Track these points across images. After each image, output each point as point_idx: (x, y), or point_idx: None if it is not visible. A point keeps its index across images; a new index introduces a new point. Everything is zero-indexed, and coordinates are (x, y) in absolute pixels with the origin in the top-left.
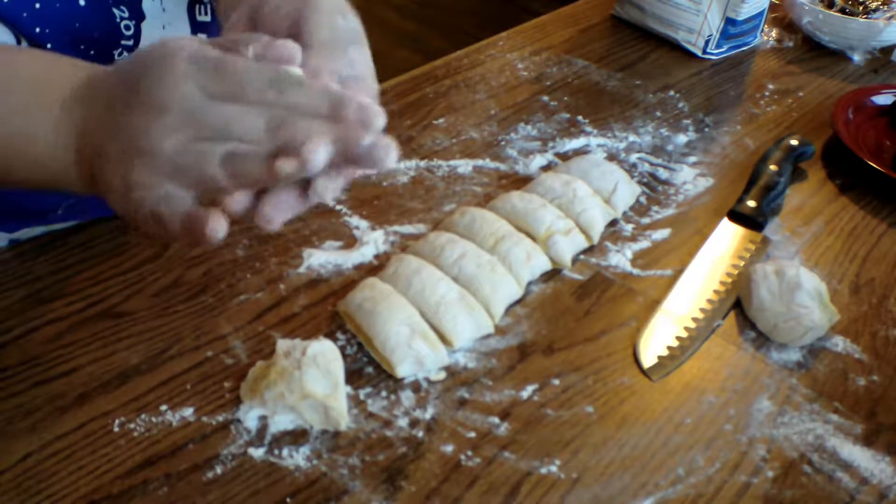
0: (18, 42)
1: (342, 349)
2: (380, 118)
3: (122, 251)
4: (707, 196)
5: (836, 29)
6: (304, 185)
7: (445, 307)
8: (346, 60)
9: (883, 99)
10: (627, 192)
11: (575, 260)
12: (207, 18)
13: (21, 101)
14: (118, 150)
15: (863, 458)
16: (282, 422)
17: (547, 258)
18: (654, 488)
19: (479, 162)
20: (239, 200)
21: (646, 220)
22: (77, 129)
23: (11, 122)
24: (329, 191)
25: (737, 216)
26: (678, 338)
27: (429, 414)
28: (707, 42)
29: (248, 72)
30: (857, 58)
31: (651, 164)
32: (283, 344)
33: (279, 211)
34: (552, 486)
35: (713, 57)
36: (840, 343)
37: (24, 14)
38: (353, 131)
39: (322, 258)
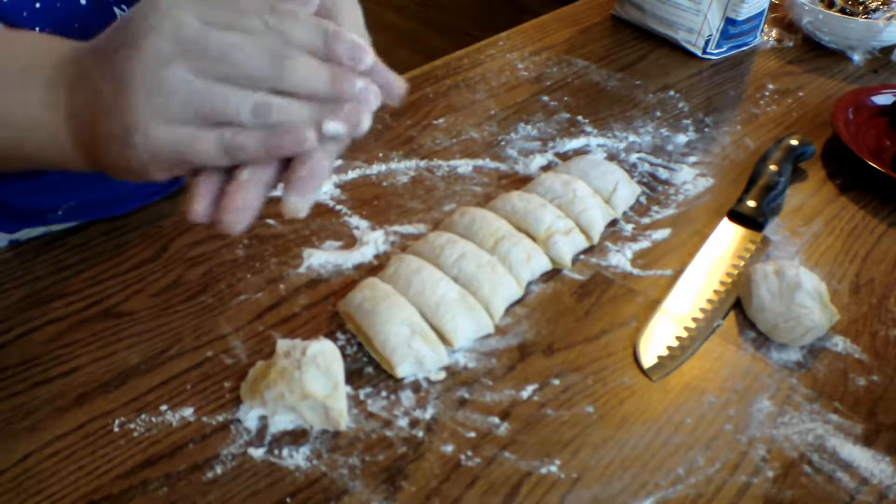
0: None
1: (342, 349)
2: (369, 56)
3: (122, 251)
4: (707, 196)
5: (836, 29)
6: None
7: (445, 307)
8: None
9: (883, 99)
10: (627, 192)
11: (575, 260)
12: None
13: (6, 79)
14: (110, 92)
15: (863, 458)
16: (282, 422)
17: (547, 258)
18: (654, 488)
19: (479, 162)
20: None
21: (646, 220)
22: (65, 97)
23: None
24: (300, 209)
25: (737, 216)
26: (678, 338)
27: (429, 414)
28: (707, 42)
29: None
30: (857, 58)
31: (651, 164)
32: (283, 344)
33: (239, 213)
34: (552, 486)
35: (713, 57)
36: (840, 343)
37: (24, 13)
38: (346, 75)
39: (322, 258)
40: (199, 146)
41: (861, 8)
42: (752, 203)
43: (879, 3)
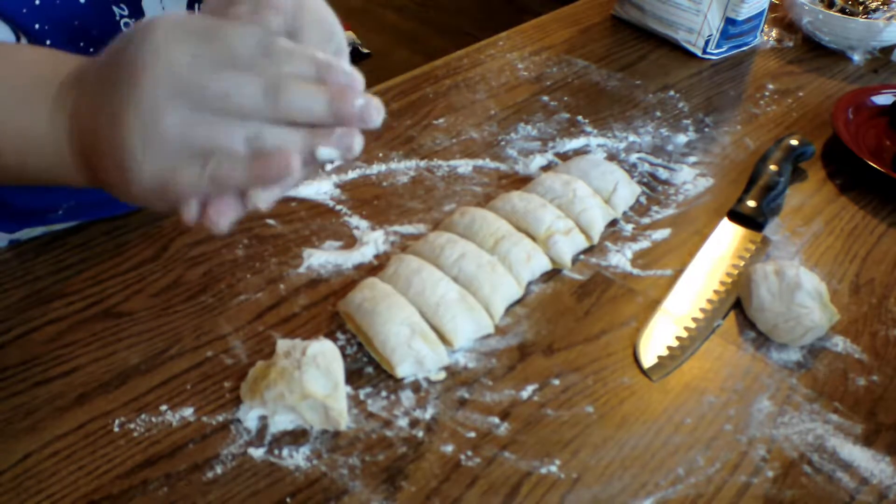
0: (17, 39)
1: (342, 349)
2: (361, 82)
3: (122, 251)
4: (707, 196)
5: (836, 29)
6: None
7: (445, 307)
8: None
9: (883, 99)
10: (627, 192)
11: (575, 260)
12: None
13: (13, 96)
14: (108, 126)
15: (863, 458)
16: (282, 422)
17: (547, 258)
18: (654, 488)
19: (479, 162)
20: (191, 208)
21: (646, 220)
22: (69, 118)
23: (4, 118)
24: (263, 201)
25: (737, 216)
26: (678, 338)
27: (429, 414)
28: (707, 42)
29: (236, 36)
30: (857, 58)
31: (651, 164)
32: (283, 344)
33: (223, 215)
34: (552, 486)
35: (713, 57)
36: (840, 343)
37: (24, 10)
38: (345, 94)
39: (322, 258)
40: (185, 177)
41: (861, 8)
42: (752, 203)
43: (879, 3)
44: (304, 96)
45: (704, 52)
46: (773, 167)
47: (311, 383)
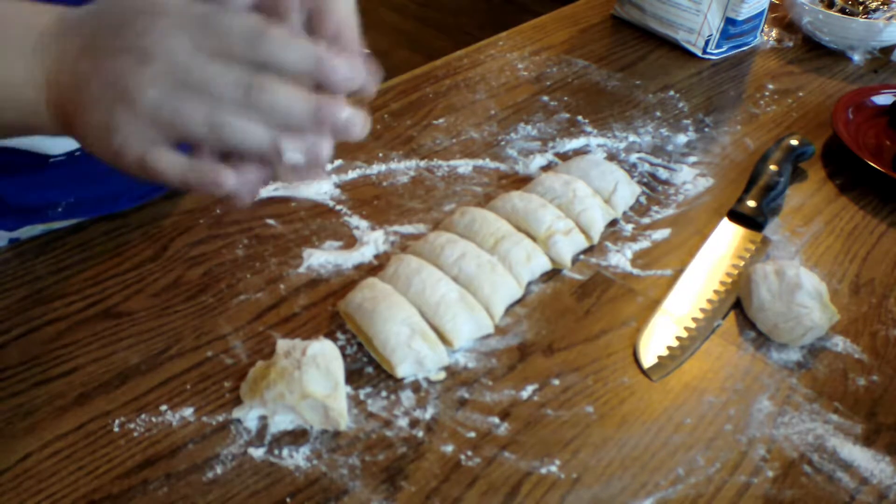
0: None
1: (342, 349)
2: (362, 75)
3: (122, 251)
4: (707, 196)
5: (836, 29)
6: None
7: (445, 307)
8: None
9: (883, 99)
10: (627, 192)
11: (575, 260)
12: None
13: None
14: (97, 93)
15: (863, 458)
16: (282, 422)
17: (547, 258)
18: (654, 488)
19: (479, 162)
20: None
21: (646, 220)
22: (48, 71)
23: None
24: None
25: (737, 216)
26: (678, 338)
27: (429, 414)
28: (707, 42)
29: (230, 27)
30: (857, 58)
31: (651, 164)
32: (283, 344)
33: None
34: (552, 486)
35: (713, 57)
36: (840, 343)
37: None
38: (332, 105)
39: (322, 258)
40: (162, 164)
41: (861, 8)
42: (752, 203)
43: (879, 3)
44: (286, 99)
45: (704, 52)
46: (773, 167)
47: (311, 383)
